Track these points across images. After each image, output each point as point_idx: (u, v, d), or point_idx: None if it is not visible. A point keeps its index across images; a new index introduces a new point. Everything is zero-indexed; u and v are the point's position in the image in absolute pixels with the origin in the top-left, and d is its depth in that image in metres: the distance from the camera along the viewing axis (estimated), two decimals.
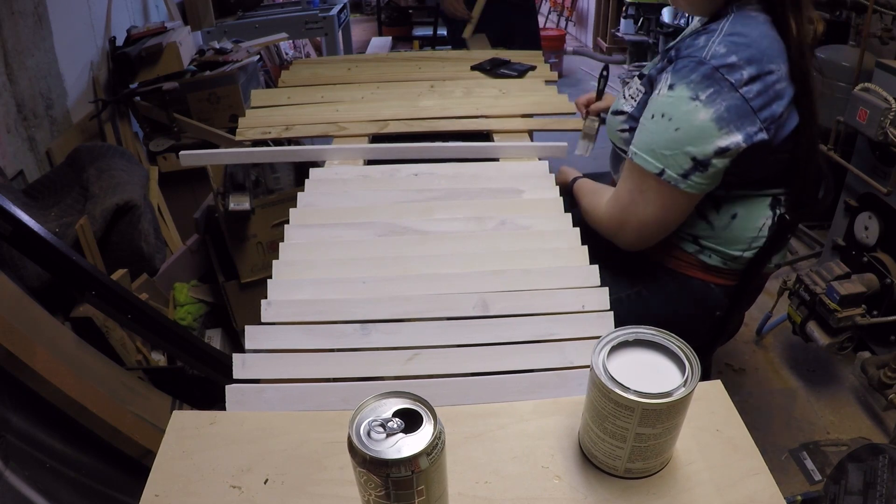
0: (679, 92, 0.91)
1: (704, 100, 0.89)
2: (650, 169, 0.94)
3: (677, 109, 0.91)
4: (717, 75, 0.88)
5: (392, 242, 1.02)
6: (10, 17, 1.80)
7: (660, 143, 0.93)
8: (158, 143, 2.30)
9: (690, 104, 0.89)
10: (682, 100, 0.90)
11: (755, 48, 0.89)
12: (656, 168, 0.94)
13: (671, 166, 0.93)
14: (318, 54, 4.07)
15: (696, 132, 0.90)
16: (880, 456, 1.22)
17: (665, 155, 0.92)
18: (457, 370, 0.81)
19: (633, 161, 0.97)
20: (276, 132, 1.47)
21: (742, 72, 0.88)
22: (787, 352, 2.03)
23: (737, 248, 1.06)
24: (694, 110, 0.89)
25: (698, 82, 0.89)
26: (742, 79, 0.88)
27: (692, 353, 0.58)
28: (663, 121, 0.92)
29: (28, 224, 1.24)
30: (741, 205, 1.03)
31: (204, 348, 1.49)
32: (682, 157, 0.91)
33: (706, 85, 0.89)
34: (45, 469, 1.09)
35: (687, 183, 0.93)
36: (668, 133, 0.92)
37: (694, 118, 0.89)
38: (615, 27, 4.78)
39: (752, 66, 0.88)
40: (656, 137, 0.93)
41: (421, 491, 0.49)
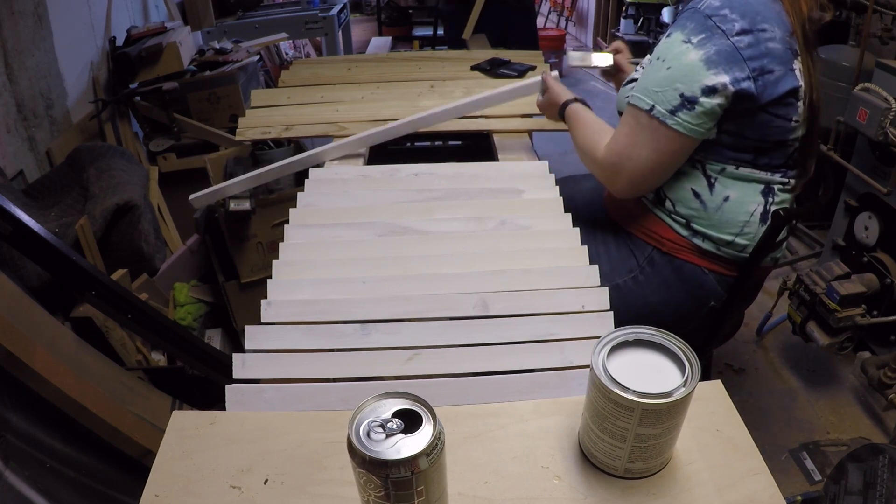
0: (674, 37, 0.98)
1: (696, 43, 0.96)
2: (642, 106, 1.00)
3: (670, 51, 0.98)
4: (710, 23, 0.95)
5: (392, 242, 1.02)
6: (10, 17, 1.80)
7: (652, 82, 0.99)
8: (158, 143, 2.30)
9: (682, 46, 0.97)
10: (675, 43, 0.98)
11: (748, 7, 0.96)
12: (647, 104, 0.99)
13: (660, 102, 0.98)
14: (318, 54, 4.06)
15: (686, 70, 0.96)
16: (880, 456, 1.22)
17: (656, 91, 0.98)
18: (457, 370, 0.81)
19: (629, 103, 1.03)
20: (276, 132, 1.47)
21: (734, 23, 0.95)
22: (787, 352, 2.03)
23: (728, 233, 1.07)
24: (685, 51, 0.96)
25: (692, 28, 0.97)
26: (733, 29, 0.95)
27: (692, 353, 0.58)
28: (658, 62, 1.00)
29: (28, 224, 1.24)
30: (734, 188, 1.06)
31: (204, 348, 1.49)
32: (672, 93, 0.97)
33: (699, 31, 0.96)
34: (45, 469, 1.09)
35: (675, 119, 0.98)
36: (660, 72, 0.98)
37: (684, 58, 0.96)
38: (615, 27, 4.77)
39: (744, 21, 0.95)
40: (650, 77, 1.00)
41: (421, 491, 0.49)
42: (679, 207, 1.09)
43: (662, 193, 1.11)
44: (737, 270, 1.11)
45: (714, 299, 1.13)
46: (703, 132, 0.99)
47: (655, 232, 1.12)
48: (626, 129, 1.03)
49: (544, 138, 1.83)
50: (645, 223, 1.14)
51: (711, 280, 1.11)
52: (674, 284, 1.12)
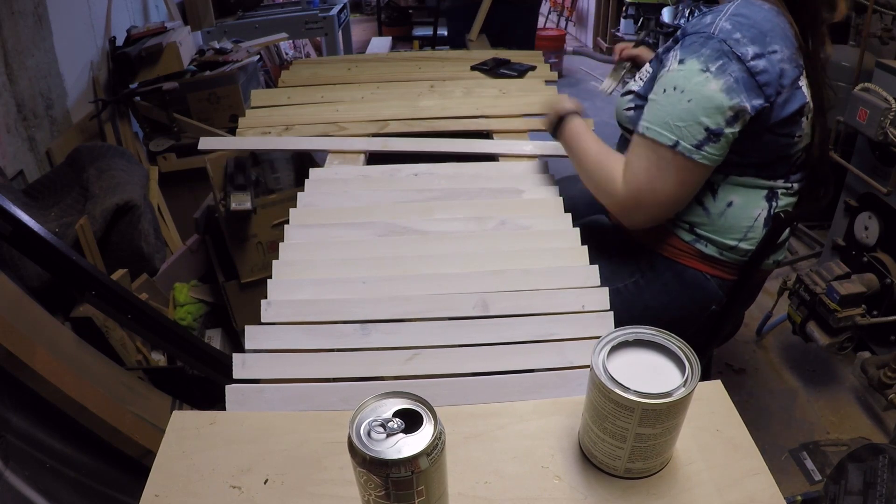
0: (690, 65, 0.94)
1: (714, 71, 0.92)
2: (664, 142, 0.95)
3: (689, 81, 0.93)
4: (726, 48, 0.92)
5: (392, 242, 1.02)
6: (10, 17, 1.80)
7: (673, 116, 0.94)
8: (158, 143, 2.30)
9: (701, 76, 0.93)
10: (693, 72, 0.93)
11: (758, 28, 0.93)
12: (670, 140, 0.95)
13: (685, 137, 0.94)
14: (318, 54, 4.06)
15: (708, 102, 0.92)
16: (880, 456, 1.22)
17: (679, 127, 0.94)
18: (457, 370, 0.81)
19: (645, 136, 0.97)
20: (276, 132, 1.47)
21: (747, 48, 0.92)
22: (787, 352, 2.03)
23: (732, 238, 1.07)
24: (705, 81, 0.92)
25: (708, 55, 0.93)
26: (748, 54, 0.92)
27: (692, 353, 0.58)
28: (675, 93, 0.94)
29: (28, 224, 1.24)
30: (737, 193, 1.05)
31: (204, 348, 1.48)
32: (696, 127, 0.93)
33: (716, 57, 0.92)
34: (45, 469, 1.09)
35: (701, 154, 0.95)
36: (681, 105, 0.94)
37: (705, 89, 0.92)
38: (615, 27, 4.78)
39: (756, 45, 0.92)
40: (669, 110, 0.95)
41: (421, 491, 0.49)
42: (683, 214, 1.08)
43: None
44: (737, 273, 1.11)
45: (715, 303, 1.12)
46: (721, 159, 0.98)
47: (657, 237, 1.12)
48: (645, 164, 0.98)
49: (544, 138, 1.83)
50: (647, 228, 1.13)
51: (713, 285, 1.11)
52: (675, 289, 1.12)
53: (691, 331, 1.16)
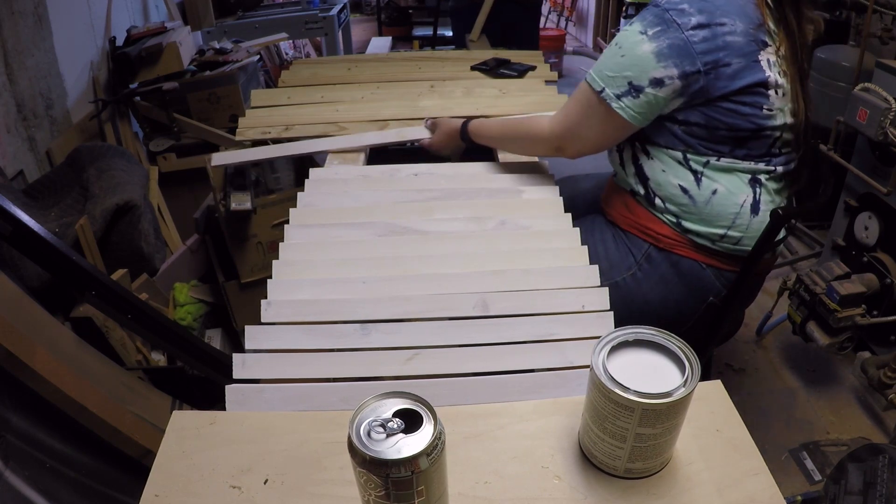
0: (633, 27, 1.03)
1: (651, 35, 1.00)
2: (594, 86, 1.05)
3: (627, 40, 1.02)
4: (667, 16, 0.99)
5: (392, 242, 1.02)
6: (10, 17, 1.80)
7: (608, 67, 1.04)
8: (158, 143, 2.30)
9: (638, 37, 1.01)
10: (633, 33, 1.02)
11: (709, 1, 0.99)
12: (599, 86, 1.04)
13: (610, 86, 1.03)
14: (318, 54, 4.06)
15: (637, 60, 1.01)
16: (880, 456, 1.22)
17: (608, 76, 1.03)
18: (457, 370, 0.81)
19: (585, 81, 1.07)
20: (276, 132, 1.47)
21: (691, 17, 0.98)
22: (787, 352, 2.03)
23: (720, 226, 1.07)
24: (639, 42, 1.01)
25: (649, 21, 1.01)
26: (689, 23, 0.98)
27: (692, 353, 0.58)
28: (614, 48, 1.04)
29: (28, 224, 1.24)
30: (720, 179, 1.06)
31: (204, 348, 1.48)
32: (621, 80, 1.02)
33: (655, 23, 1.00)
34: (45, 469, 1.09)
35: (619, 104, 1.03)
36: (615, 58, 1.03)
37: (638, 49, 1.01)
38: (615, 27, 4.78)
39: (702, 15, 0.98)
40: (606, 62, 1.04)
41: (421, 491, 0.49)
42: (669, 204, 1.09)
43: (652, 192, 1.11)
44: (734, 265, 1.12)
45: (713, 294, 1.13)
46: (641, 120, 1.05)
47: (651, 229, 1.13)
48: (577, 106, 1.09)
49: None
50: (640, 220, 1.14)
51: (710, 275, 1.11)
52: (672, 280, 1.13)
53: (690, 324, 1.16)
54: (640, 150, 1.12)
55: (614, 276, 1.14)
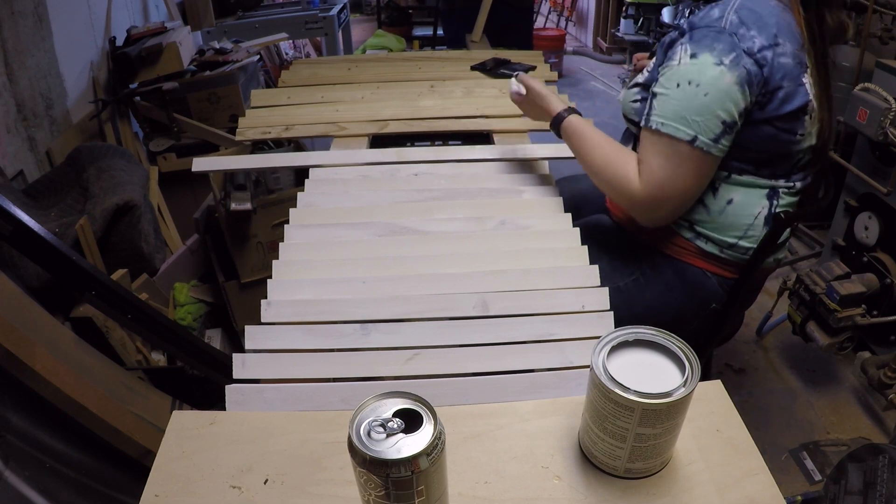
0: (703, 59, 0.93)
1: (728, 64, 0.92)
2: (682, 137, 0.94)
3: (703, 75, 0.93)
4: (734, 40, 0.93)
5: (392, 242, 1.02)
6: (10, 17, 1.80)
7: (690, 110, 0.94)
8: (158, 143, 2.30)
9: (716, 69, 0.92)
10: (707, 66, 0.93)
11: (764, 22, 0.95)
12: (688, 135, 0.94)
13: (703, 132, 0.94)
14: (318, 54, 4.06)
15: (724, 95, 0.93)
16: (880, 456, 1.22)
17: (696, 121, 0.94)
18: (457, 370, 0.81)
19: (660, 132, 0.96)
20: (276, 132, 1.47)
21: (755, 40, 0.93)
22: (787, 352, 2.03)
23: (732, 235, 1.07)
24: (720, 75, 0.92)
25: (721, 49, 0.93)
26: (754, 46, 0.93)
27: (692, 353, 0.58)
28: (691, 88, 0.94)
29: (28, 224, 1.24)
30: (738, 191, 1.05)
31: (204, 348, 1.48)
32: (714, 121, 0.93)
33: (728, 50, 0.93)
34: (45, 469, 1.09)
35: (718, 147, 0.95)
36: (697, 99, 0.93)
37: (721, 82, 0.92)
38: (615, 27, 4.78)
39: (762, 36, 0.93)
40: (685, 104, 0.94)
41: (421, 491, 0.49)
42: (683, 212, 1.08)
43: None
44: (738, 272, 1.11)
45: (715, 301, 1.12)
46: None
47: (658, 235, 1.12)
48: (661, 160, 0.97)
49: (544, 139, 1.83)
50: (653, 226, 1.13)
51: (713, 282, 1.11)
52: (675, 287, 1.12)
53: (691, 329, 1.16)
54: None
55: (617, 281, 1.13)
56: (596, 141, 1.07)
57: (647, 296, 1.13)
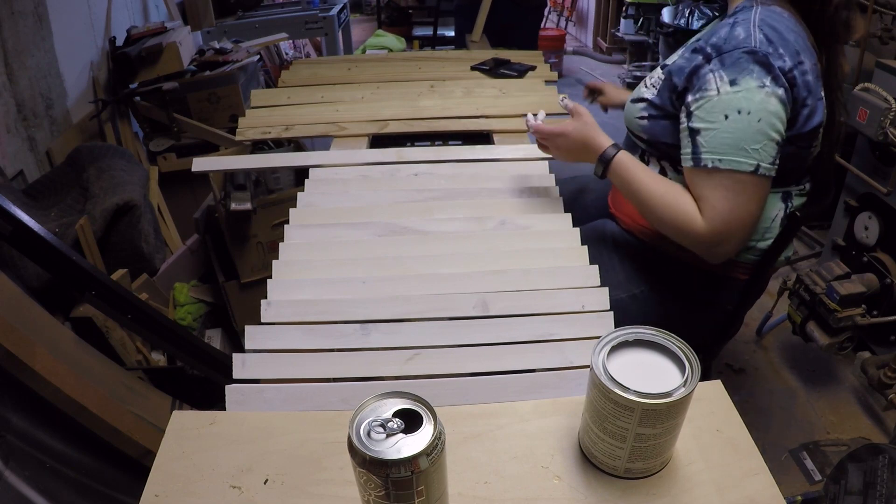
0: (746, 84, 0.91)
1: (770, 84, 0.91)
2: (744, 169, 0.92)
3: (751, 101, 0.91)
4: (769, 62, 0.91)
5: (392, 242, 1.02)
6: (10, 17, 1.80)
7: (747, 140, 0.91)
8: (158, 143, 2.30)
9: (761, 93, 0.91)
10: (752, 91, 0.91)
11: (788, 40, 0.93)
12: (751, 166, 0.92)
13: (764, 158, 0.92)
14: (318, 54, 4.06)
15: (774, 116, 0.91)
16: (880, 456, 1.22)
17: (755, 149, 0.92)
18: (457, 370, 0.81)
19: (719, 169, 0.93)
20: (276, 132, 1.47)
21: (785, 60, 0.92)
22: (787, 352, 2.03)
23: (751, 240, 1.06)
24: (766, 97, 0.91)
25: (760, 71, 0.91)
26: (785, 65, 0.92)
27: (692, 353, 0.58)
28: (742, 117, 0.91)
29: (28, 224, 1.24)
30: None
31: (204, 348, 1.48)
32: (770, 144, 0.92)
33: (766, 71, 0.91)
34: (45, 469, 1.09)
35: (775, 167, 0.94)
36: (752, 127, 0.91)
37: (769, 105, 0.91)
38: (615, 27, 4.77)
39: (788, 54, 0.92)
40: (740, 135, 0.91)
41: (421, 491, 0.49)
42: None
43: None
44: (750, 272, 1.11)
45: (730, 303, 1.13)
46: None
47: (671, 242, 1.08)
48: (723, 194, 0.93)
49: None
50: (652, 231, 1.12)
51: (728, 285, 1.11)
52: (692, 292, 1.12)
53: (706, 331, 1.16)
54: (670, 168, 1.08)
55: (632, 288, 1.12)
56: (650, 180, 1.01)
57: (665, 302, 1.12)
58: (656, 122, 1.05)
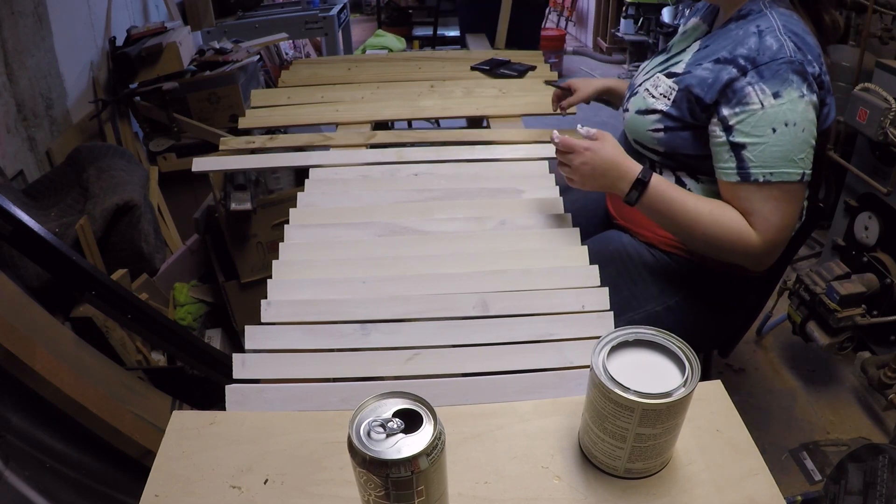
0: (789, 96, 0.92)
1: (807, 93, 0.93)
2: (794, 179, 0.94)
3: (796, 112, 0.92)
4: (804, 70, 0.92)
5: (392, 242, 1.02)
6: (10, 17, 1.80)
7: (795, 151, 0.93)
8: (158, 143, 2.30)
9: (802, 103, 0.92)
10: (794, 101, 0.92)
11: (807, 44, 0.94)
12: (798, 175, 0.94)
13: (807, 166, 0.95)
14: (318, 54, 4.06)
15: (812, 125, 0.94)
16: (880, 456, 1.22)
17: (802, 158, 0.94)
18: (457, 370, 0.81)
19: (770, 182, 0.93)
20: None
21: (813, 66, 0.94)
22: (787, 352, 2.03)
23: None
24: (806, 106, 0.93)
25: (797, 81, 0.92)
26: (815, 72, 0.94)
27: (692, 353, 0.58)
28: (790, 129, 0.92)
29: (28, 224, 1.24)
30: None
31: (204, 348, 1.48)
32: (811, 151, 0.95)
33: (802, 80, 0.92)
34: (45, 469, 1.09)
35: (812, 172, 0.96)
36: (797, 138, 0.93)
37: (808, 113, 0.93)
38: (615, 27, 4.77)
39: (815, 62, 0.94)
40: (790, 147, 0.93)
41: (421, 491, 0.49)
42: None
43: None
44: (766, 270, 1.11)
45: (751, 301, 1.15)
46: None
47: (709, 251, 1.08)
48: (772, 205, 0.94)
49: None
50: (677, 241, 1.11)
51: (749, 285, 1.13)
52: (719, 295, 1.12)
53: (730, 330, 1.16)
54: (688, 178, 1.07)
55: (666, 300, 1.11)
56: (692, 201, 0.99)
57: (698, 310, 1.12)
58: (675, 133, 1.03)
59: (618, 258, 1.12)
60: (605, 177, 0.99)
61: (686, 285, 1.12)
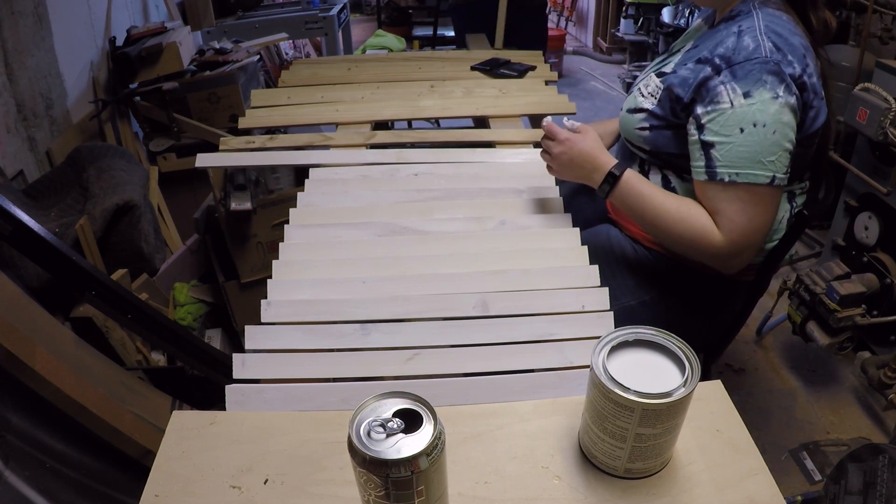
0: (760, 96, 0.90)
1: (782, 94, 0.90)
2: (761, 181, 0.92)
3: (766, 113, 0.90)
4: (781, 70, 0.90)
5: (392, 242, 1.02)
6: (10, 17, 1.80)
7: (763, 152, 0.91)
8: (158, 143, 2.30)
9: (775, 104, 0.90)
10: (766, 102, 0.90)
11: (795, 46, 0.93)
12: (767, 178, 0.92)
13: (779, 169, 0.92)
14: (318, 54, 4.06)
15: (787, 128, 0.92)
16: (880, 456, 1.22)
17: (771, 161, 0.92)
18: (457, 370, 0.81)
19: (736, 182, 0.93)
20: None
21: (794, 66, 0.91)
22: (787, 352, 2.03)
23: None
24: (780, 108, 0.90)
25: (773, 81, 0.90)
26: (795, 72, 0.92)
27: (692, 353, 0.58)
28: (758, 129, 0.91)
29: (28, 224, 1.24)
30: None
31: (204, 348, 1.48)
32: (783, 154, 0.92)
33: (778, 81, 0.90)
34: (45, 469, 1.09)
35: (787, 176, 0.94)
36: (767, 139, 0.91)
37: (782, 115, 0.91)
38: (615, 27, 4.77)
39: (797, 62, 0.92)
40: (757, 148, 0.91)
41: (421, 491, 0.49)
42: None
43: None
44: (755, 273, 1.11)
45: (735, 305, 1.14)
46: None
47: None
48: (739, 207, 0.93)
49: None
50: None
51: (736, 287, 1.12)
52: (701, 295, 1.12)
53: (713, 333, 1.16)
54: (674, 176, 1.07)
55: (642, 295, 1.12)
56: (661, 197, 1.00)
57: (675, 307, 1.12)
58: (659, 132, 1.03)
59: (602, 251, 1.12)
60: (582, 168, 1.03)
61: (662, 282, 1.12)
